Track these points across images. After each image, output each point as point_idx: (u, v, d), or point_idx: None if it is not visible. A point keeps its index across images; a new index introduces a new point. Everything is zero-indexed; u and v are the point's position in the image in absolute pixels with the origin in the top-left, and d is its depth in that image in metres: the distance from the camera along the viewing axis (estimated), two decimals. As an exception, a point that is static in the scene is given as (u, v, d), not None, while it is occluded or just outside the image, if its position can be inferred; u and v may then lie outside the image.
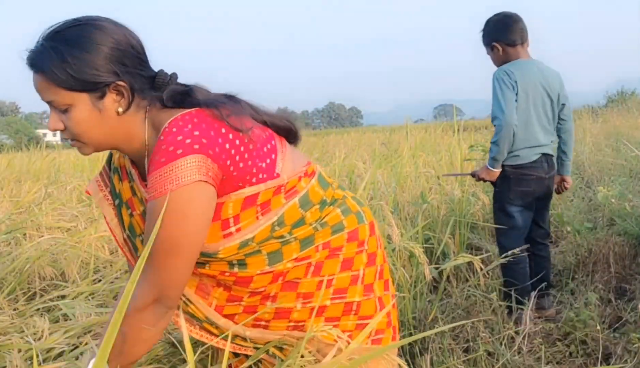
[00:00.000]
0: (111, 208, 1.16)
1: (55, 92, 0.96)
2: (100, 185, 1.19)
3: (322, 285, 1.13)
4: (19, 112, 78.60)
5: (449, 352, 2.14)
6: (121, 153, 1.15)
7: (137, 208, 1.12)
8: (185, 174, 0.94)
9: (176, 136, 0.96)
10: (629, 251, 3.09)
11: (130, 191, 1.13)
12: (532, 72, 2.48)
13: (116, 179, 1.15)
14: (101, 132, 1.01)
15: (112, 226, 1.17)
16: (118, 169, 1.15)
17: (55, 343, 1.63)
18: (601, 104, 17.75)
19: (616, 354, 2.11)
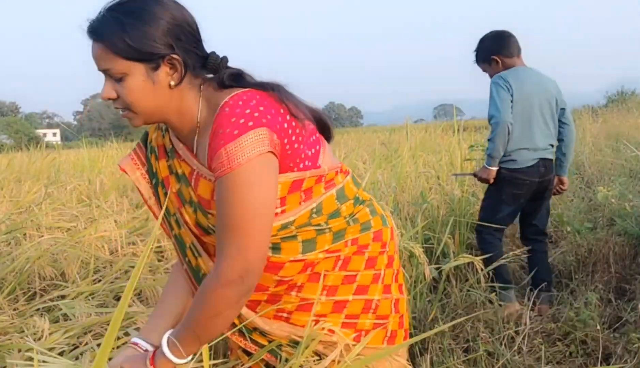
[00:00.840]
0: (149, 186, 1.18)
1: (112, 60, 0.99)
2: (136, 163, 1.20)
3: (347, 280, 1.16)
4: (19, 112, 78.58)
5: (449, 352, 2.14)
6: (159, 132, 1.18)
7: (173, 187, 1.13)
8: (259, 145, 0.97)
9: (244, 109, 0.99)
10: (629, 251, 3.09)
11: (167, 169, 1.15)
12: (529, 78, 2.60)
13: (153, 158, 1.17)
14: (152, 103, 1.03)
15: (150, 204, 1.18)
16: (155, 149, 1.17)
17: (55, 343, 1.63)
18: (601, 104, 17.75)
19: (616, 354, 2.11)
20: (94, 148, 9.34)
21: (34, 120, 68.71)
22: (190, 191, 1.10)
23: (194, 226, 1.12)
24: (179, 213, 1.14)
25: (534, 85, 2.60)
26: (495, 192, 2.70)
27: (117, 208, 3.85)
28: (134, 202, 4.44)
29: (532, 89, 2.59)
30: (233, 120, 0.98)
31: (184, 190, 1.12)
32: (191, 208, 1.11)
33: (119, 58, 0.98)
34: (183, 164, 1.11)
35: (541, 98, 2.60)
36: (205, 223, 1.09)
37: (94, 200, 3.99)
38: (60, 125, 68.71)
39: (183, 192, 1.12)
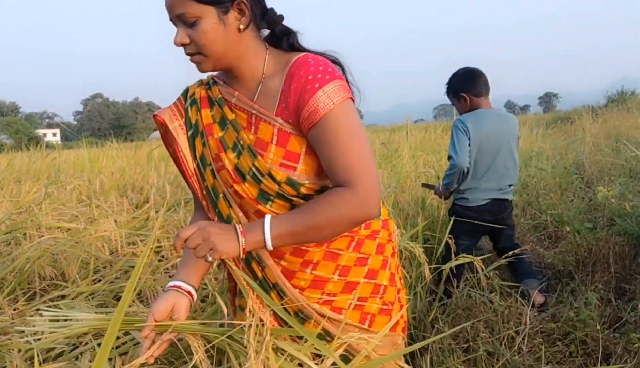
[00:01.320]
0: (186, 137, 1.21)
1: (186, 4, 1.04)
2: (175, 114, 1.23)
3: (359, 262, 1.19)
4: (19, 112, 78.61)
5: (449, 352, 2.14)
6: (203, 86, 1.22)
7: (216, 133, 1.17)
8: (348, 91, 1.08)
9: (326, 65, 1.08)
10: (629, 251, 3.09)
11: (210, 118, 1.18)
12: (490, 122, 2.71)
13: (193, 110, 1.21)
14: (223, 45, 1.09)
15: (184, 154, 1.21)
16: (197, 101, 1.21)
17: (55, 343, 1.63)
18: (601, 104, 17.75)
19: (616, 354, 2.11)
20: (94, 148, 9.35)
21: (34, 120, 68.69)
22: (242, 135, 1.13)
23: (232, 171, 1.14)
24: (215, 162, 1.17)
25: (494, 129, 2.71)
26: (454, 225, 2.76)
27: (117, 208, 3.85)
28: (134, 202, 4.44)
29: (492, 133, 2.70)
30: (321, 69, 1.07)
31: (229, 135, 1.15)
32: (234, 153, 1.14)
33: (192, 2, 1.04)
34: (237, 110, 1.16)
35: (502, 141, 2.72)
36: (247, 166, 1.12)
37: (94, 200, 3.99)
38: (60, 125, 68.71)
39: (226, 138, 1.16)
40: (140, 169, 6.35)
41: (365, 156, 1.05)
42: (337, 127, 1.04)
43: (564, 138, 9.78)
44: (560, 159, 6.89)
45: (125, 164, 6.68)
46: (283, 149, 1.10)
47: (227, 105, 1.17)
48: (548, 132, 11.26)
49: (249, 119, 1.14)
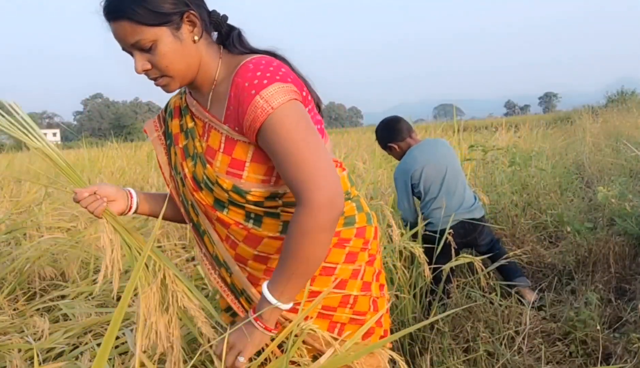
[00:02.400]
0: (163, 147, 1.26)
1: (139, 31, 1.03)
2: (157, 126, 1.28)
3: (325, 271, 1.17)
4: (19, 112, 78.42)
5: (449, 352, 2.14)
6: (179, 95, 1.25)
7: (180, 143, 1.19)
8: (290, 92, 1.02)
9: (268, 67, 1.04)
10: (629, 251, 3.09)
11: (178, 127, 1.21)
12: (424, 151, 2.84)
13: (170, 120, 1.25)
14: (184, 61, 1.08)
15: (162, 163, 1.26)
16: (172, 111, 1.25)
17: (55, 343, 1.63)
18: (601, 104, 17.76)
19: (616, 354, 2.11)
20: (94, 148, 9.35)
21: (34, 120, 68.59)
22: (196, 144, 1.14)
23: (190, 180, 1.16)
24: (180, 168, 1.20)
25: (430, 155, 2.83)
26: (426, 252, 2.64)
27: (117, 209, 3.84)
28: (134, 202, 4.43)
29: (431, 158, 2.81)
30: (259, 74, 1.02)
31: (190, 144, 1.17)
32: (192, 161, 1.16)
33: (144, 27, 1.03)
34: (196, 118, 1.17)
35: (445, 164, 2.81)
36: (201, 175, 1.13)
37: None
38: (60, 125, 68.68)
39: (188, 147, 1.17)
40: (140, 169, 6.35)
41: (313, 159, 0.99)
42: (279, 132, 1.00)
43: (564, 138, 9.79)
44: (560, 159, 6.89)
45: (125, 164, 6.68)
46: (229, 157, 1.09)
47: (189, 114, 1.19)
48: (548, 132, 11.26)
49: (203, 127, 1.15)
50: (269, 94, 0.99)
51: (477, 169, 5.15)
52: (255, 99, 1.00)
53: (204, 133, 1.14)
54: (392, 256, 2.47)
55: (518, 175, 4.82)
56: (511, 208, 4.07)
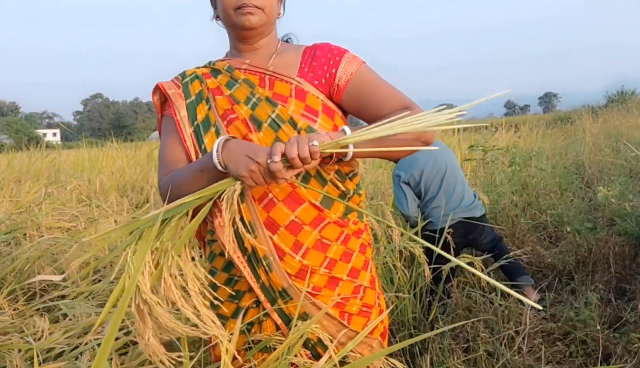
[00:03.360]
0: (183, 102, 1.26)
1: None
2: (172, 86, 1.29)
3: (344, 258, 1.21)
4: (19, 112, 78.61)
5: (449, 352, 2.14)
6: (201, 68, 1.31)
7: (224, 92, 1.24)
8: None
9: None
10: (629, 251, 3.09)
11: (216, 83, 1.26)
12: (424, 153, 2.84)
13: (195, 84, 1.27)
14: (274, 13, 1.25)
15: (181, 117, 1.25)
16: (198, 76, 1.28)
17: (55, 343, 1.63)
18: (601, 104, 17.76)
19: (616, 354, 2.11)
20: (94, 148, 9.35)
21: (34, 120, 68.71)
22: (254, 90, 1.21)
23: (245, 121, 1.19)
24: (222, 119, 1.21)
25: (430, 156, 2.85)
26: (427, 252, 2.66)
27: (117, 208, 3.85)
28: (134, 202, 4.44)
29: (431, 159, 2.83)
30: (333, 46, 1.27)
31: (239, 92, 1.23)
32: (246, 106, 1.21)
33: None
34: (247, 74, 1.25)
35: (442, 161, 2.83)
36: (265, 115, 1.19)
37: (94, 200, 3.99)
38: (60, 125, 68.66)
39: (236, 95, 1.23)
40: (140, 169, 6.35)
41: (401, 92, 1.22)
42: (374, 74, 1.24)
43: (564, 138, 9.79)
44: (560, 158, 6.89)
45: (125, 164, 6.68)
46: (303, 103, 1.20)
47: (236, 70, 1.25)
48: (548, 132, 11.26)
49: (261, 79, 1.24)
50: (352, 55, 1.25)
51: (477, 168, 5.16)
52: (345, 54, 1.24)
53: (263, 83, 1.23)
54: (392, 256, 2.48)
55: (518, 175, 4.82)
56: (511, 208, 4.08)
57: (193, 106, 1.24)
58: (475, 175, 4.89)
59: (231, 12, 1.19)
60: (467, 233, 2.77)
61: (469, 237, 2.79)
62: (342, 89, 1.22)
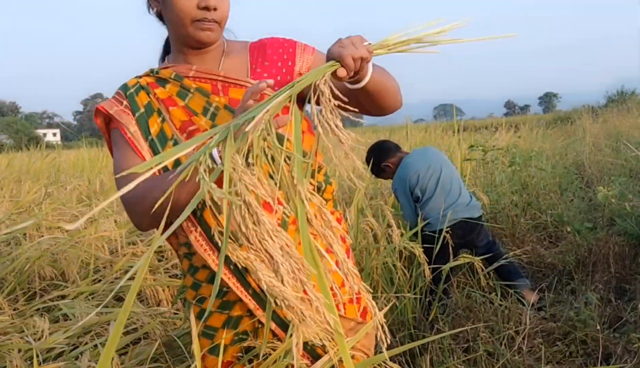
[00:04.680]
0: (131, 118, 1.17)
1: None
2: (114, 103, 1.19)
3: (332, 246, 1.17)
4: (19, 112, 78.58)
5: (449, 352, 2.14)
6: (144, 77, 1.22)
7: (177, 103, 1.18)
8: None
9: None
10: (629, 251, 3.09)
11: (166, 93, 1.19)
12: (419, 158, 2.92)
13: (142, 95, 1.19)
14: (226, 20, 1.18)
15: (131, 133, 1.16)
16: (144, 86, 1.20)
17: (55, 343, 1.63)
18: (601, 104, 17.76)
19: (616, 354, 2.11)
20: (94, 148, 9.34)
21: (34, 120, 68.69)
22: (209, 100, 1.16)
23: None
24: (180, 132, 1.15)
25: (425, 161, 2.88)
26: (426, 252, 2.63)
27: (117, 209, 3.84)
28: (134, 202, 4.43)
29: (426, 165, 2.86)
30: (281, 39, 1.24)
31: (194, 102, 1.17)
32: (205, 117, 1.16)
33: None
34: (197, 81, 1.18)
35: (436, 167, 2.86)
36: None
37: (94, 200, 3.99)
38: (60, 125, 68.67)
39: (191, 105, 1.17)
40: (140, 169, 6.34)
41: None
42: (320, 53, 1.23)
43: (564, 138, 9.79)
44: (560, 158, 6.89)
45: (125, 164, 6.66)
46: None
47: (185, 78, 1.18)
48: (548, 132, 11.26)
49: (214, 86, 1.18)
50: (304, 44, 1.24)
51: (477, 168, 5.15)
52: (297, 43, 1.23)
53: (216, 90, 1.17)
54: (392, 256, 2.48)
55: (518, 175, 4.82)
56: (511, 208, 4.07)
57: (144, 120, 1.16)
58: (475, 175, 4.88)
59: (187, 23, 1.11)
60: (464, 234, 2.77)
61: (466, 238, 2.79)
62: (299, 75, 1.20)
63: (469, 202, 2.83)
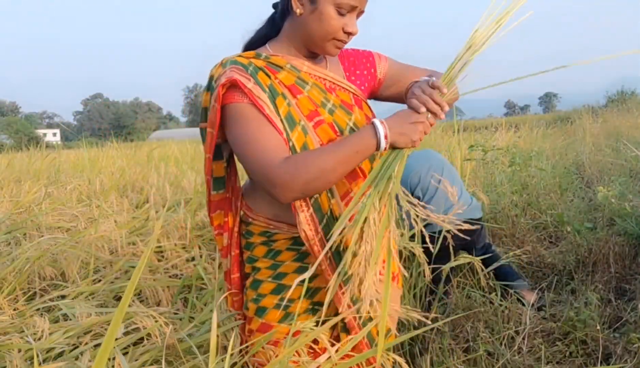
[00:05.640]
0: (266, 96, 1.18)
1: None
2: (244, 77, 1.17)
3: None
4: (19, 112, 78.62)
5: (449, 352, 2.14)
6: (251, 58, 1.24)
7: (303, 91, 1.24)
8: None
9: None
10: (629, 251, 3.09)
11: (292, 79, 1.25)
12: (419, 159, 2.92)
13: (261, 75, 1.22)
14: None
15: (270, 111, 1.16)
16: (262, 68, 1.23)
17: (55, 343, 1.63)
18: (601, 104, 17.76)
19: (616, 354, 2.11)
20: (94, 148, 9.35)
21: (34, 120, 68.72)
22: (326, 96, 1.26)
23: (329, 125, 1.23)
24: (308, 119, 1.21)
25: (426, 160, 2.89)
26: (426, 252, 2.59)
27: (117, 208, 3.84)
28: (134, 202, 4.44)
29: (427, 163, 2.86)
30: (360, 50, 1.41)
31: (314, 95, 1.25)
32: (325, 110, 1.24)
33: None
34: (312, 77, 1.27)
35: (436, 161, 2.87)
36: (344, 122, 1.25)
37: (94, 200, 3.99)
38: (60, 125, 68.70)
39: (312, 97, 1.25)
40: (140, 169, 6.35)
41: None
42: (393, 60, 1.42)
43: (564, 138, 9.79)
44: (560, 158, 6.89)
45: (125, 164, 6.68)
46: (362, 111, 1.30)
47: (302, 72, 1.26)
48: (548, 132, 11.26)
49: (324, 85, 1.28)
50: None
51: (477, 169, 5.15)
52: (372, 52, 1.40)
53: (328, 89, 1.28)
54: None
55: (518, 175, 4.82)
56: (511, 208, 4.07)
57: (272, 99, 1.19)
58: (475, 175, 4.88)
59: (328, 39, 1.21)
60: (466, 234, 2.77)
61: (467, 239, 2.78)
62: (381, 82, 1.38)
63: (470, 203, 2.84)
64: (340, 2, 1.16)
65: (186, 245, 3.06)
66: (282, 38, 1.29)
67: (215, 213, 1.34)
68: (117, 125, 71.16)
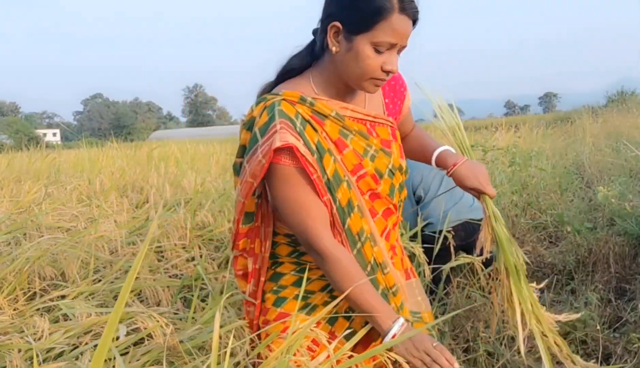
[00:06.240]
0: (314, 160, 1.16)
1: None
2: (295, 137, 1.13)
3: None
4: (19, 112, 78.65)
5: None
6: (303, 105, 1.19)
7: (348, 145, 1.21)
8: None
9: None
10: (629, 251, 3.09)
11: (337, 132, 1.20)
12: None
13: (309, 130, 1.17)
14: None
15: (318, 176, 1.16)
16: (309, 120, 1.18)
17: (55, 343, 1.63)
18: (601, 104, 17.76)
19: (616, 354, 2.12)
20: (94, 148, 9.34)
21: (34, 120, 68.78)
22: (369, 142, 1.23)
23: (371, 176, 1.22)
24: (351, 174, 1.21)
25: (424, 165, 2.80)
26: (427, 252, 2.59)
27: (117, 208, 3.84)
28: (134, 202, 4.44)
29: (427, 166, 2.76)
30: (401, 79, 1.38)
31: (355, 144, 1.22)
32: (367, 158, 1.22)
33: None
34: (354, 120, 1.24)
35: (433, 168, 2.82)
36: (384, 166, 1.24)
37: (94, 200, 3.99)
38: (60, 125, 68.72)
39: (356, 147, 1.22)
40: (140, 169, 6.35)
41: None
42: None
43: (564, 138, 9.79)
44: (560, 158, 6.89)
45: (125, 164, 6.68)
46: (398, 144, 1.30)
47: (346, 119, 1.22)
48: (548, 132, 11.25)
49: (365, 126, 1.25)
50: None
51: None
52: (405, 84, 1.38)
53: (369, 131, 1.25)
54: (392, 256, 2.47)
55: (518, 175, 4.82)
56: (511, 208, 4.08)
57: (320, 159, 1.16)
58: (475, 175, 4.87)
59: (366, 78, 1.15)
60: (467, 236, 2.77)
61: (468, 240, 2.78)
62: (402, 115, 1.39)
63: (472, 203, 2.83)
64: (377, 41, 1.11)
65: (186, 245, 3.06)
66: (323, 72, 1.23)
67: (241, 240, 1.32)
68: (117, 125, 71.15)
